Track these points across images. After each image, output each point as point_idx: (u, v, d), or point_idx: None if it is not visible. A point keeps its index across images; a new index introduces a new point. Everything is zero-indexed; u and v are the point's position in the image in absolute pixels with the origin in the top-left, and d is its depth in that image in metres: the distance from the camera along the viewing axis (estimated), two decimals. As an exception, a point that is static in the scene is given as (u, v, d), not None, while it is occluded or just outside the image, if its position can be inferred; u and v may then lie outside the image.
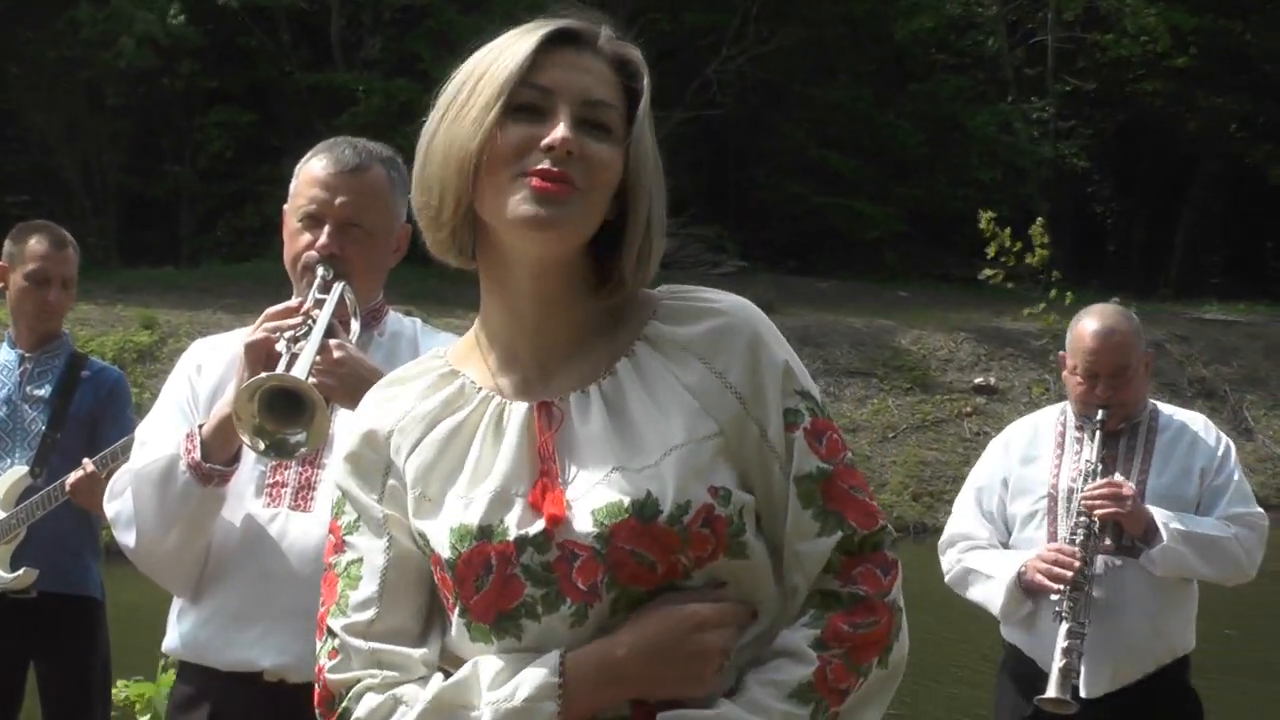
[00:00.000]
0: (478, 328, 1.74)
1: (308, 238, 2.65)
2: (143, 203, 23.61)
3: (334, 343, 2.48)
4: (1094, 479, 3.81)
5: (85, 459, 4.14)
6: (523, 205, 1.59)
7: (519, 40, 1.64)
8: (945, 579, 4.03)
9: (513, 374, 1.69)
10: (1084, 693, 3.73)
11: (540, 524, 1.59)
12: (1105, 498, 3.76)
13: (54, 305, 4.49)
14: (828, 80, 26.21)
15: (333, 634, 1.68)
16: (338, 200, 2.64)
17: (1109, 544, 3.79)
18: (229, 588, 2.62)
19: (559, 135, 1.59)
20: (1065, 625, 3.69)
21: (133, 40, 20.55)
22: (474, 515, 1.62)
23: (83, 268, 4.69)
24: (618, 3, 22.75)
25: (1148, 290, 24.67)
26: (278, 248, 2.77)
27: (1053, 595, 3.74)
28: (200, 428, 2.56)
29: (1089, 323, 3.90)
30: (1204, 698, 4.02)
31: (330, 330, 2.49)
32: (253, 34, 23.14)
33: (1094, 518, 3.76)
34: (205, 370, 2.73)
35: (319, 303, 2.55)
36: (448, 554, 1.62)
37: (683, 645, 1.57)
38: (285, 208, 2.73)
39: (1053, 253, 14.35)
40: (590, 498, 1.59)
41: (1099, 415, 3.86)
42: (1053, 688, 3.66)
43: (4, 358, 4.52)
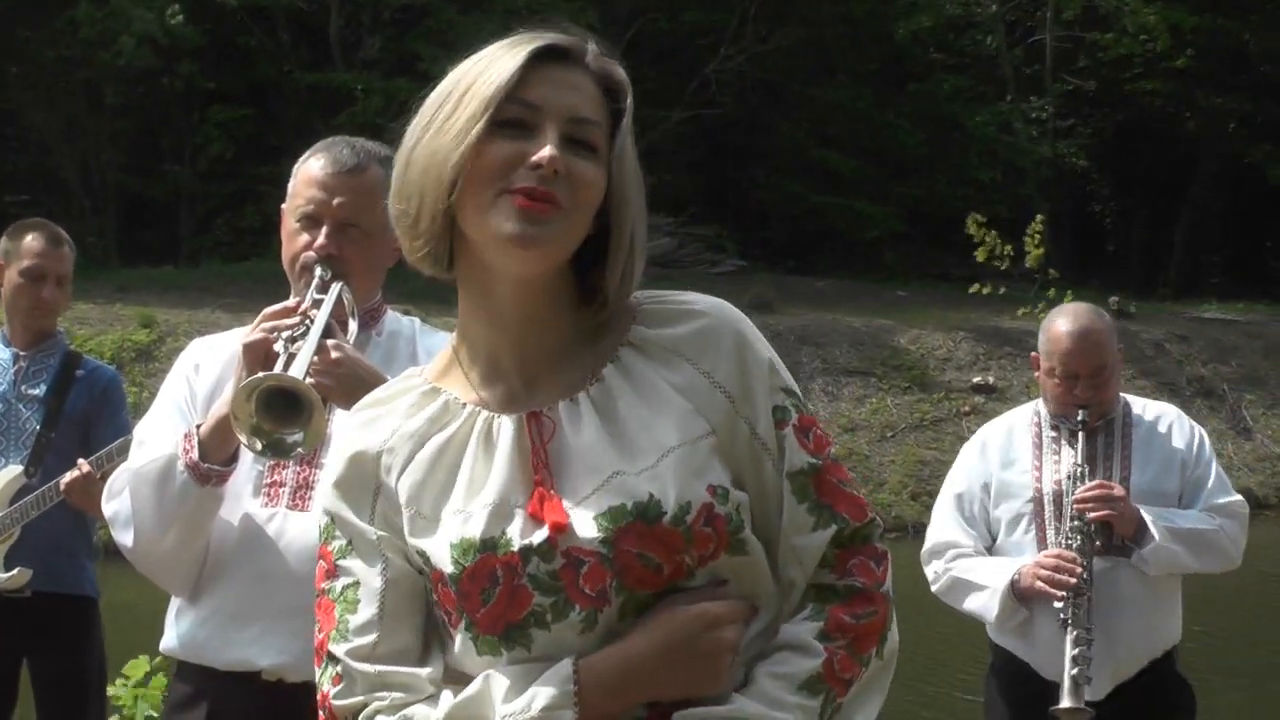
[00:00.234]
0: (456, 341, 1.74)
1: (306, 238, 2.65)
2: (142, 202, 23.59)
3: (332, 343, 2.47)
4: (1083, 481, 3.79)
5: (80, 459, 4.13)
6: (507, 223, 1.59)
7: (506, 54, 1.62)
8: (932, 589, 3.95)
9: (497, 387, 1.69)
10: (1088, 696, 3.70)
11: (543, 533, 1.59)
12: (1097, 500, 3.74)
13: (48, 302, 4.48)
14: (827, 80, 26.20)
15: (335, 659, 1.67)
16: (335, 200, 2.64)
17: (1099, 545, 3.77)
18: (227, 587, 2.62)
19: (547, 154, 1.58)
20: (1073, 633, 3.65)
21: (132, 40, 20.52)
22: (475, 529, 1.61)
23: (82, 267, 4.69)
24: (617, 2, 22.77)
25: (1147, 290, 24.68)
26: (277, 247, 2.76)
27: (1055, 603, 3.70)
28: (198, 427, 2.56)
29: (1063, 323, 3.87)
30: (1202, 697, 4.03)
31: (328, 330, 2.49)
32: (252, 33, 23.13)
33: (1087, 521, 3.74)
34: (203, 370, 2.73)
35: (317, 303, 2.55)
36: (451, 569, 1.61)
37: (697, 644, 1.57)
38: (283, 207, 2.73)
39: (1050, 251, 14.29)
40: (591, 504, 1.59)
41: (1080, 416, 3.84)
42: (1067, 697, 3.62)
43: (-1, 356, 4.52)
